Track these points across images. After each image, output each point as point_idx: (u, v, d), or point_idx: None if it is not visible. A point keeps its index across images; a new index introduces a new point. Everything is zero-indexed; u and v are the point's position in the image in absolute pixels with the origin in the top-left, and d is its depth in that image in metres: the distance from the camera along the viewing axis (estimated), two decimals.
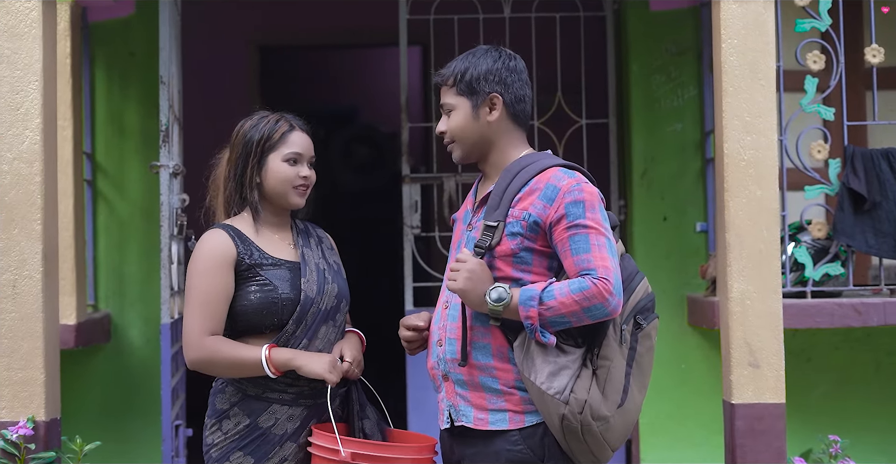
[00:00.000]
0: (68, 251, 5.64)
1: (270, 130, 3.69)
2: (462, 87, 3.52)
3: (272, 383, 3.57)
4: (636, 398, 3.44)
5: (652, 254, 6.21)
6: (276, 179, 3.67)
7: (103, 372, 6.18)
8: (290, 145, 3.69)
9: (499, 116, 3.51)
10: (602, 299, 3.24)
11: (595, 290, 3.23)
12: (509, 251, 3.38)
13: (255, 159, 3.67)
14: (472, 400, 3.43)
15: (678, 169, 6.27)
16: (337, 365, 3.55)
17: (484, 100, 3.50)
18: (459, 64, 3.55)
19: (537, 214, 3.36)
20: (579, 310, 3.24)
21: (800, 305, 5.16)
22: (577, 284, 3.24)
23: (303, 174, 3.70)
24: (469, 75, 3.51)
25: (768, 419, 4.54)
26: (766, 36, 4.67)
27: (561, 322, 3.27)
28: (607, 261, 3.29)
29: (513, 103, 3.53)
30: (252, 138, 3.68)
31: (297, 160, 3.69)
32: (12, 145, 4.67)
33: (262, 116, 3.75)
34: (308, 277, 3.64)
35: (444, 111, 3.58)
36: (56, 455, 4.62)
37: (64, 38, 5.65)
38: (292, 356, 3.54)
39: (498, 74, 3.52)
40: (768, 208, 4.61)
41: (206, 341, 3.56)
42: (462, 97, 3.52)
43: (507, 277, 3.39)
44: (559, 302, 3.24)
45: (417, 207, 6.31)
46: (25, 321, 4.62)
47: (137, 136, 6.26)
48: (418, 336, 3.60)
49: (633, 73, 6.33)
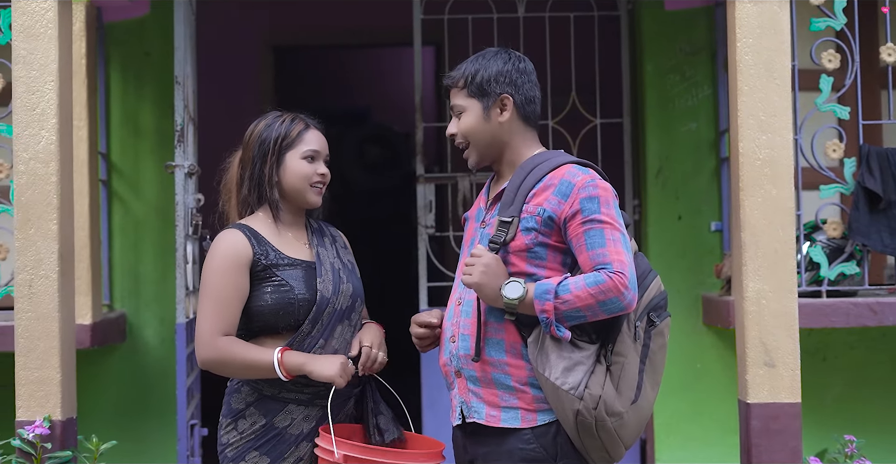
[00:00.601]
0: (84, 251, 5.65)
1: (287, 129, 3.69)
2: (472, 88, 3.53)
3: (288, 383, 3.56)
4: (649, 395, 3.44)
5: (667, 253, 6.20)
6: (295, 177, 3.67)
7: (119, 372, 6.19)
8: (308, 143, 3.70)
9: (510, 117, 3.52)
10: (618, 293, 3.24)
11: (611, 283, 3.24)
12: (524, 246, 3.39)
13: (274, 158, 3.67)
14: (484, 397, 3.43)
15: (693, 168, 6.26)
16: (347, 368, 3.53)
17: (494, 101, 3.51)
18: (469, 66, 3.56)
19: (552, 209, 3.36)
20: (595, 304, 3.25)
21: (815, 305, 5.16)
22: (593, 278, 3.25)
23: (320, 171, 3.71)
24: (479, 77, 3.52)
25: (784, 419, 4.53)
26: (781, 35, 4.66)
27: (576, 316, 3.28)
28: (622, 255, 3.30)
29: (523, 104, 3.53)
30: (269, 137, 3.68)
31: (314, 157, 3.70)
32: (28, 145, 4.68)
33: (277, 115, 3.75)
34: (323, 276, 3.64)
35: (455, 113, 3.59)
36: (72, 454, 4.64)
37: (79, 39, 5.66)
38: (304, 361, 3.52)
39: (508, 76, 3.53)
40: (783, 208, 4.61)
41: (219, 342, 3.56)
42: (472, 99, 3.53)
43: (522, 272, 3.39)
44: (575, 296, 3.25)
45: (432, 206, 6.32)
46: (41, 321, 4.63)
47: (152, 136, 6.27)
48: (430, 333, 3.61)
49: (647, 72, 6.33)
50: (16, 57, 4.72)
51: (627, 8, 6.46)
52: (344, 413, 3.70)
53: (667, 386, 6.07)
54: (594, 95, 6.50)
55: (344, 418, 3.70)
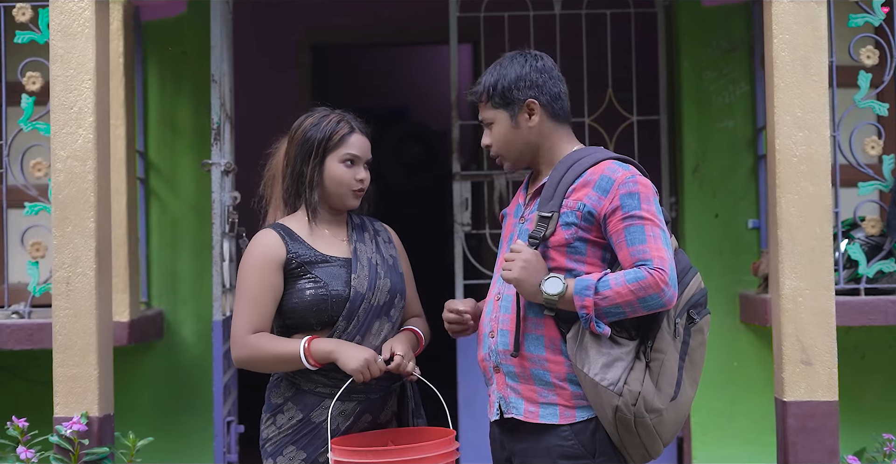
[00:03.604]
0: (121, 249, 5.68)
1: (331, 131, 3.69)
2: (496, 100, 3.53)
3: (324, 377, 3.58)
4: (688, 392, 3.43)
5: (704, 251, 6.18)
6: (334, 181, 3.68)
7: (156, 369, 6.22)
8: (349, 147, 3.70)
9: (539, 120, 3.52)
10: (658, 290, 3.24)
11: (651, 280, 3.24)
12: (563, 241, 3.39)
13: (317, 160, 3.68)
14: (522, 393, 3.43)
15: (730, 166, 6.23)
16: (373, 364, 3.51)
17: (521, 108, 3.51)
18: (488, 77, 3.56)
19: (592, 204, 3.36)
20: (634, 300, 3.25)
21: (853, 303, 5.13)
22: (633, 275, 3.25)
23: (359, 177, 3.71)
24: (500, 87, 3.52)
25: (820, 417, 4.50)
26: (818, 31, 4.63)
27: (616, 312, 3.28)
28: (662, 252, 3.30)
29: (550, 104, 3.53)
30: (313, 138, 3.69)
31: (353, 162, 3.70)
32: (66, 143, 4.72)
33: (324, 115, 3.75)
34: (359, 272, 3.65)
35: (485, 125, 3.60)
36: (109, 451, 4.67)
37: (117, 38, 5.69)
38: (333, 348, 3.53)
39: (528, 79, 3.52)
40: (821, 205, 4.58)
41: (250, 339, 3.58)
42: (498, 110, 3.54)
43: (561, 267, 3.39)
44: (615, 292, 3.25)
45: (468, 204, 6.31)
46: (79, 318, 4.66)
47: (189, 134, 6.30)
48: (459, 319, 3.62)
49: (684, 69, 6.30)
50: (53, 56, 4.76)
51: (664, 4, 6.43)
52: (387, 409, 3.72)
53: (704, 384, 6.01)
54: (631, 93, 6.48)
55: (387, 414, 3.72)
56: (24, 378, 5.90)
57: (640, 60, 6.54)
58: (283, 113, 4.17)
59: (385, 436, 3.64)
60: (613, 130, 6.41)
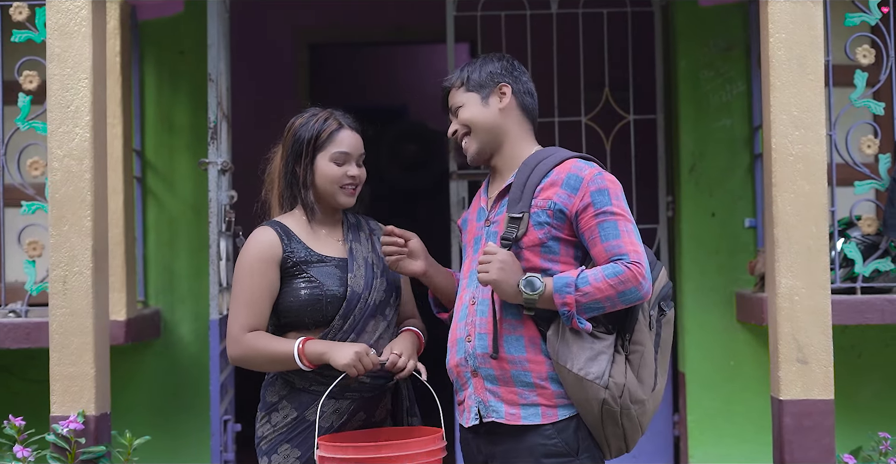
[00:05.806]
0: (118, 248, 5.68)
1: (319, 129, 3.70)
2: (470, 84, 3.62)
3: (318, 376, 3.59)
4: (662, 383, 3.51)
5: (701, 250, 6.18)
6: (325, 179, 3.69)
7: (153, 368, 6.21)
8: (338, 145, 3.70)
9: (509, 104, 3.59)
10: (636, 283, 3.31)
11: (629, 274, 3.30)
12: (537, 241, 3.43)
13: (308, 159, 3.69)
14: (502, 396, 3.45)
15: (727, 165, 6.23)
16: (364, 358, 3.51)
17: (493, 90, 3.59)
18: (466, 67, 3.67)
19: (562, 203, 3.41)
20: (614, 294, 3.30)
21: (849, 302, 5.13)
22: (612, 269, 3.31)
23: (350, 173, 3.71)
24: (477, 74, 3.62)
25: (816, 416, 4.50)
26: (814, 30, 4.63)
27: (596, 308, 3.33)
28: (637, 246, 3.37)
29: (521, 94, 3.62)
30: (302, 138, 3.69)
31: (344, 158, 3.70)
32: (62, 142, 4.71)
33: (313, 113, 3.76)
34: (355, 272, 3.65)
35: (452, 112, 3.66)
36: (106, 449, 4.66)
37: (114, 37, 5.68)
38: (326, 350, 3.53)
39: (504, 69, 3.63)
40: (817, 204, 4.58)
41: (245, 338, 3.59)
42: (471, 93, 3.62)
43: (536, 267, 3.43)
44: (595, 287, 3.30)
45: (465, 203, 6.32)
46: (76, 317, 4.66)
47: (187, 133, 6.29)
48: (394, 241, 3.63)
49: (681, 68, 6.30)
50: (50, 54, 4.75)
51: (661, 3, 6.44)
52: (382, 408, 3.73)
53: (701, 383, 6.08)
54: (627, 92, 6.49)
55: (382, 412, 3.73)
56: (21, 377, 5.90)
57: (637, 60, 6.55)
58: (280, 112, 4.16)
59: (378, 434, 3.64)
60: (610, 129, 6.41)
